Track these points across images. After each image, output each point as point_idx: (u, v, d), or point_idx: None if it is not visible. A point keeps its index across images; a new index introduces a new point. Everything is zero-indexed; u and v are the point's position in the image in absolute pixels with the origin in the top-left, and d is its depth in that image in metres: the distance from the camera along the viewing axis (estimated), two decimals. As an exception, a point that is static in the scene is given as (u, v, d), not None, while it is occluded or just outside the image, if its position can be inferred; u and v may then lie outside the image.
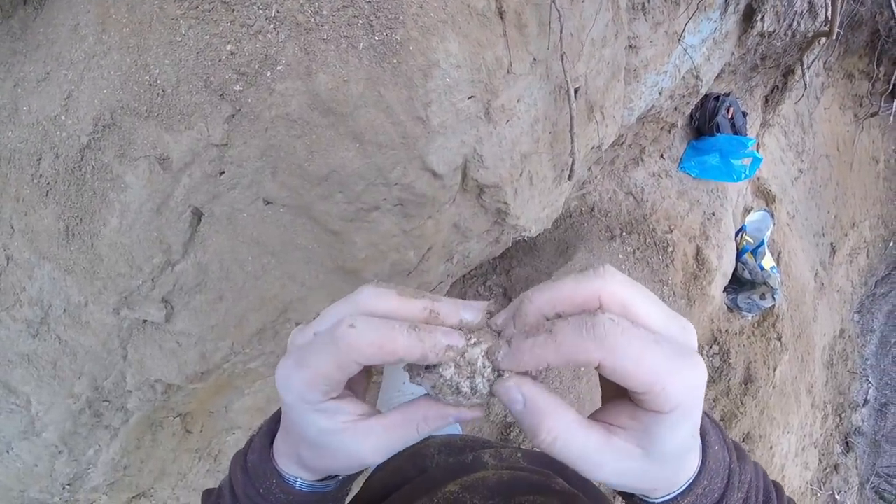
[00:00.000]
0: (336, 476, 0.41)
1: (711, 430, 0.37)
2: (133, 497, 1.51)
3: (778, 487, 0.43)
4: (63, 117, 0.92)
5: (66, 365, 1.12)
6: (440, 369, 0.32)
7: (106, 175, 0.94)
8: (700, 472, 0.35)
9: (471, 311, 0.34)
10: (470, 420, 0.35)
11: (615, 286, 0.30)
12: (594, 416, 0.34)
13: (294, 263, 0.99)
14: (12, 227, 1.01)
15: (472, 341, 0.32)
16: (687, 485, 0.35)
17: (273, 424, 0.42)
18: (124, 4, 0.86)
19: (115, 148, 0.91)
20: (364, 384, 0.41)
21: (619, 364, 0.28)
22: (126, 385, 1.18)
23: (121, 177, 0.94)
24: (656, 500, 0.36)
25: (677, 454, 0.33)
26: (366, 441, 0.34)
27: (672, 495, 0.35)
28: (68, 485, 1.27)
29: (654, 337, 0.30)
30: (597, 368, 0.30)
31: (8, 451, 1.19)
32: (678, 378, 0.29)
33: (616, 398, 0.34)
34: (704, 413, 0.37)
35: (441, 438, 0.82)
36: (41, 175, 0.96)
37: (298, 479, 0.39)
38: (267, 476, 0.39)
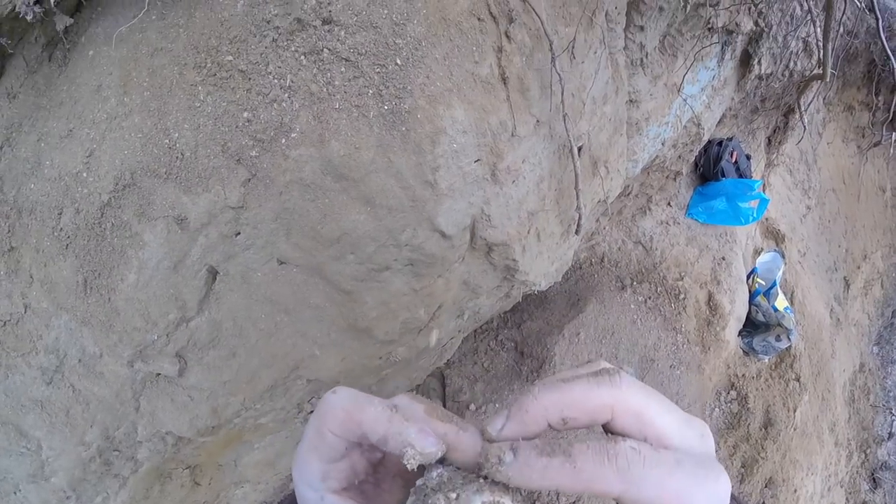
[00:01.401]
0: None
1: None
2: (139, 549, 1.48)
3: None
4: (85, 174, 0.96)
5: (78, 413, 1.13)
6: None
7: (125, 232, 0.97)
8: None
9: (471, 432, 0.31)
10: None
11: (629, 395, 0.29)
12: None
13: (306, 322, 1.01)
14: (31, 277, 1.04)
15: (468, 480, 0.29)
16: None
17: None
18: (146, 69, 0.91)
19: (134, 207, 0.95)
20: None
21: (643, 496, 0.27)
22: (137, 436, 1.18)
23: (139, 235, 0.97)
24: None
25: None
26: None
27: None
28: (75, 531, 1.26)
29: (675, 457, 0.28)
30: (615, 499, 0.28)
31: (15, 493, 1.19)
32: (702, 493, 0.28)
33: None
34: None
35: None
36: (62, 229, 0.99)
37: None
38: None
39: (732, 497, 0.36)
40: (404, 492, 0.33)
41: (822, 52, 1.85)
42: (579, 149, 1.15)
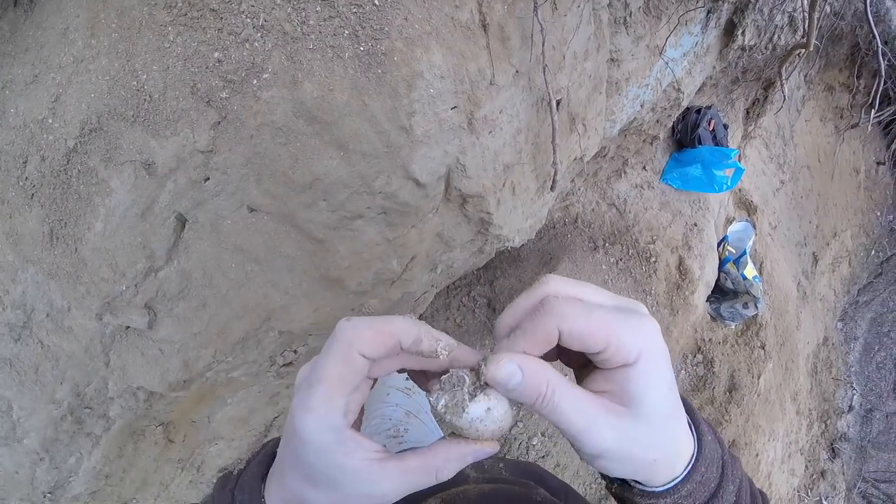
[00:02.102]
0: None
1: (703, 423, 0.39)
2: (114, 507, 1.48)
3: (763, 495, 0.43)
4: (50, 120, 0.92)
5: (48, 370, 1.11)
6: (446, 387, 0.35)
7: (91, 179, 0.94)
8: (697, 459, 0.37)
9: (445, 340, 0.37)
10: (488, 456, 0.36)
11: (559, 286, 0.35)
12: None
13: (277, 271, 0.99)
14: (-4, 230, 1.01)
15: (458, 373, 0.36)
16: (686, 472, 0.36)
17: (262, 466, 0.40)
18: (114, 10, 0.87)
19: (101, 152, 0.91)
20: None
21: (574, 327, 0.33)
22: (108, 392, 1.17)
23: (106, 181, 0.94)
24: (657, 489, 0.36)
25: (662, 413, 0.34)
26: (382, 484, 0.34)
27: (673, 483, 0.36)
28: (49, 493, 1.25)
29: (597, 304, 0.34)
30: (560, 343, 0.33)
31: (-12, 457, 1.17)
32: (630, 328, 0.33)
33: (588, 374, 0.37)
34: (694, 409, 0.40)
35: None
36: (27, 178, 0.96)
37: None
38: None
39: (694, 409, 0.39)
40: None
41: (807, 22, 1.86)
42: (558, 103, 1.14)
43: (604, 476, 0.40)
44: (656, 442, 0.35)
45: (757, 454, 3.22)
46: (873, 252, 5.57)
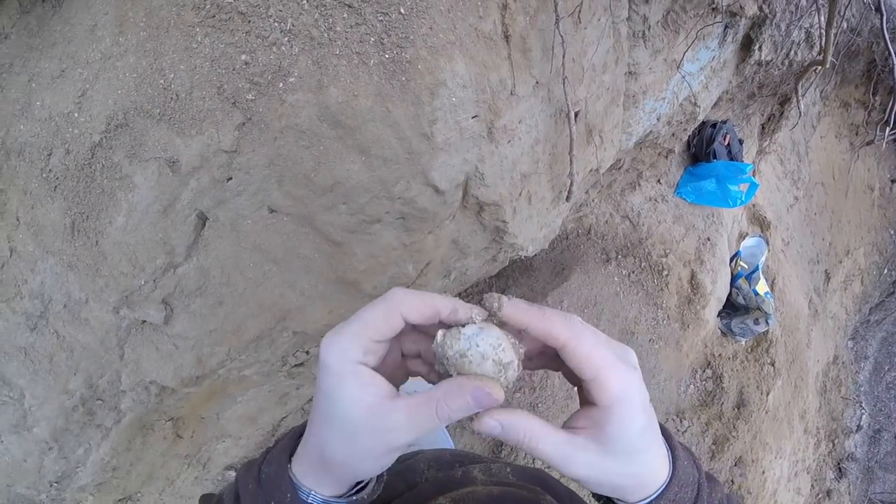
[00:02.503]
0: (351, 494, 0.42)
1: (680, 448, 0.43)
2: (119, 500, 1.49)
3: None
4: (76, 114, 0.94)
5: (62, 360, 1.12)
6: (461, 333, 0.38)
7: (115, 174, 0.95)
8: (671, 480, 0.41)
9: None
10: (490, 400, 0.37)
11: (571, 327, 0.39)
12: (563, 426, 0.41)
13: (294, 272, 1.01)
14: (18, 220, 1.02)
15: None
16: (659, 491, 0.40)
17: (292, 441, 0.43)
18: (142, 9, 0.88)
19: (125, 148, 0.93)
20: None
21: (579, 348, 0.37)
22: (121, 385, 1.18)
23: (130, 177, 0.95)
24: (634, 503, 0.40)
25: (633, 450, 0.39)
26: (391, 418, 0.37)
27: (647, 500, 0.40)
28: (56, 482, 1.27)
29: (605, 340, 0.39)
30: (561, 355, 0.39)
31: (-2, 443, 1.19)
32: (617, 374, 0.38)
33: (577, 412, 0.41)
34: (672, 436, 0.44)
35: (431, 453, 0.82)
36: (50, 170, 0.97)
37: (312, 493, 0.40)
38: (282, 489, 0.40)
39: (672, 435, 0.44)
40: None
41: (824, 38, 1.85)
42: (576, 114, 1.14)
43: (595, 494, 0.45)
44: (627, 472, 0.39)
45: (763, 471, 3.18)
46: (886, 271, 5.50)
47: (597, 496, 0.44)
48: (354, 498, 0.42)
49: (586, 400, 0.40)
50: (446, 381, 0.37)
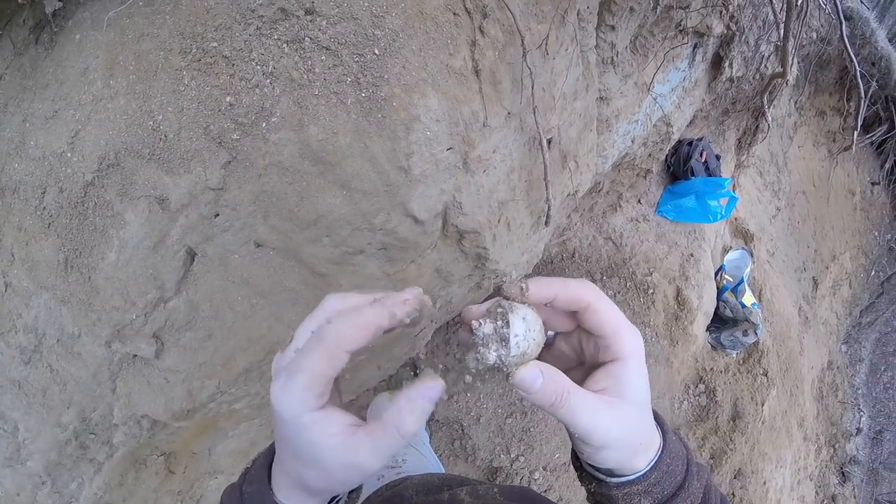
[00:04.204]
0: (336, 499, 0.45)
1: (666, 425, 0.47)
2: (113, 537, 1.48)
3: None
4: (69, 154, 0.97)
5: (55, 394, 1.13)
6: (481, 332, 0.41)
7: (107, 212, 0.98)
8: (662, 451, 0.44)
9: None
10: (436, 394, 0.39)
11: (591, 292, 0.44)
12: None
13: (282, 305, 1.03)
14: (13, 256, 1.05)
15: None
16: (653, 461, 0.43)
17: (269, 456, 0.45)
18: (132, 53, 0.92)
19: (117, 186, 0.96)
20: (338, 399, 0.45)
21: (602, 308, 0.42)
22: (113, 418, 1.19)
23: (121, 214, 0.98)
24: (630, 478, 0.43)
25: (645, 402, 0.43)
26: (358, 452, 0.38)
27: (643, 471, 0.43)
28: (50, 518, 1.26)
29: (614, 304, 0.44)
30: (580, 313, 0.43)
31: (-9, 478, 1.18)
32: (631, 332, 0.43)
33: (593, 375, 0.44)
34: (659, 414, 0.47)
35: (419, 479, 0.83)
36: (44, 208, 1.00)
37: None
38: None
39: (662, 419, 0.47)
40: None
41: (781, 50, 1.93)
42: (549, 142, 1.19)
43: (583, 479, 0.47)
44: (642, 426, 0.43)
45: (765, 482, 3.16)
46: (873, 272, 5.56)
47: (588, 485, 0.46)
48: None
49: (593, 366, 0.45)
50: (393, 403, 0.39)
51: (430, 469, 1.04)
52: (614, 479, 0.43)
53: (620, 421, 0.41)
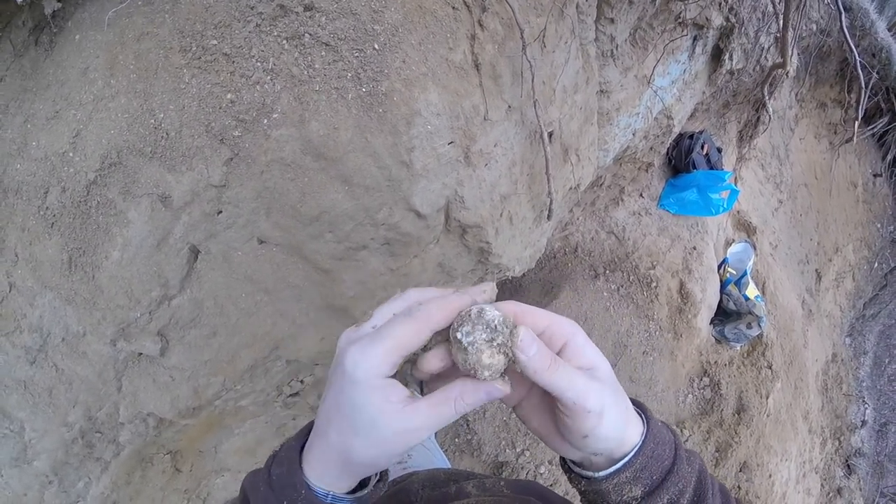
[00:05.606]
0: (362, 489, 0.46)
1: (652, 413, 0.48)
2: (121, 536, 1.48)
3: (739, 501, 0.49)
4: (71, 154, 0.97)
5: (61, 393, 1.13)
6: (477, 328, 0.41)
7: (110, 210, 0.99)
8: (646, 436, 0.45)
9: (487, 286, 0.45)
10: (498, 396, 0.42)
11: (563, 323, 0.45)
12: None
13: (285, 301, 1.03)
14: (17, 256, 1.05)
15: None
16: (637, 447, 0.44)
17: (299, 441, 0.45)
18: (132, 52, 0.93)
19: (119, 185, 0.96)
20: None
21: (526, 309, 0.44)
22: (119, 417, 1.19)
23: (124, 213, 0.98)
24: (618, 466, 0.44)
25: (612, 380, 0.44)
26: (413, 419, 0.40)
27: (629, 457, 0.44)
28: (56, 518, 1.26)
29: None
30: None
31: (-2, 477, 1.19)
32: (558, 319, 0.44)
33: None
34: (641, 402, 0.48)
35: (425, 474, 0.83)
36: (47, 207, 1.00)
37: (331, 494, 0.43)
38: (295, 487, 0.42)
39: (635, 400, 0.48)
40: None
41: (780, 41, 1.93)
42: (550, 135, 1.19)
43: (573, 480, 0.48)
44: (620, 402, 0.44)
45: (770, 475, 3.16)
46: (876, 264, 5.54)
47: (578, 482, 0.47)
48: (359, 494, 0.46)
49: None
50: (459, 382, 0.41)
51: (436, 464, 1.04)
52: (601, 473, 0.44)
53: (601, 392, 0.42)
